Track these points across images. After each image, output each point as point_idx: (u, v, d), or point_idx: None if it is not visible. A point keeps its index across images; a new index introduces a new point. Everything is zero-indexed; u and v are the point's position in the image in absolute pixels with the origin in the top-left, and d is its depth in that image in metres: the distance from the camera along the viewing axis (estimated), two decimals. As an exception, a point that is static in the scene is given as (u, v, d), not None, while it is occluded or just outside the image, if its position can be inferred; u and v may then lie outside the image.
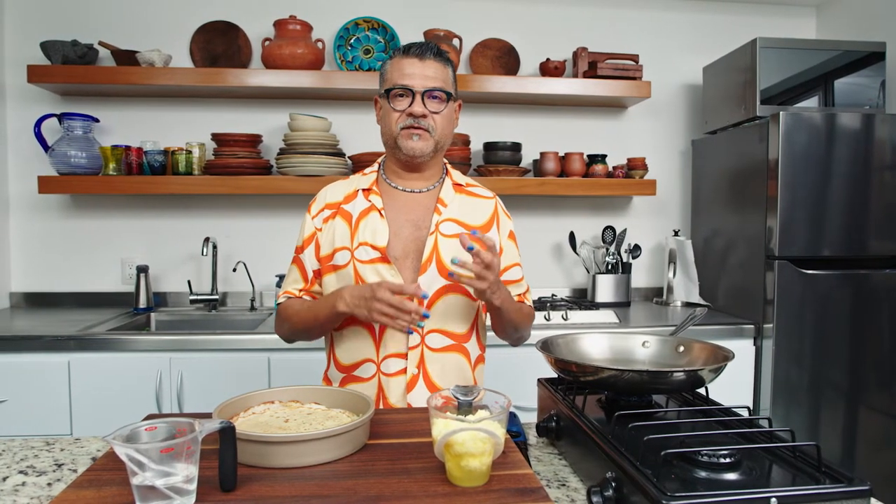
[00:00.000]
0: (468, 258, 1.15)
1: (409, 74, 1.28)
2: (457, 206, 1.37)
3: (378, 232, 1.31)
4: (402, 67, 1.29)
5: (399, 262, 1.31)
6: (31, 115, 2.45)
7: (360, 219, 1.33)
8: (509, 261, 1.41)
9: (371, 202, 1.35)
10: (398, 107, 1.29)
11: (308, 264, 1.37)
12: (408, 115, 1.29)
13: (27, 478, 0.95)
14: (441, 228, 1.33)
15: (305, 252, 1.37)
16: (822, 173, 2.18)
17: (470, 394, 0.93)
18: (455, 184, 1.41)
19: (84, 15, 2.50)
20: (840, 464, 2.18)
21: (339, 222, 1.35)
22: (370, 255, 1.30)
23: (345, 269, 1.32)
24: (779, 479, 0.80)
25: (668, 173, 2.85)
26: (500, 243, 1.40)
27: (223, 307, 2.60)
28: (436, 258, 1.31)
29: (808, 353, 2.19)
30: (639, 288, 2.84)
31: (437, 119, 1.31)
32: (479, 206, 1.40)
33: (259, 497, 0.80)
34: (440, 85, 1.30)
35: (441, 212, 1.35)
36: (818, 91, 2.45)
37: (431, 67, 1.30)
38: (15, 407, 1.96)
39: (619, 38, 2.77)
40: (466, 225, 1.36)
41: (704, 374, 0.99)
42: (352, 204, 1.36)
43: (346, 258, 1.32)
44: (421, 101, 1.28)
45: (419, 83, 1.28)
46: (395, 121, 1.30)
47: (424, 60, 1.29)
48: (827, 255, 2.19)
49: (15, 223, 2.54)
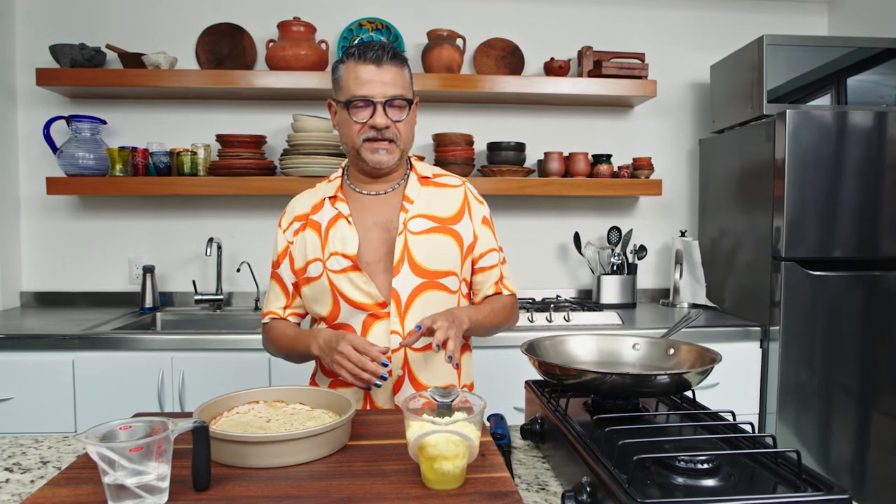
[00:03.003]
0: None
1: (368, 82, 1.24)
2: (424, 200, 1.35)
3: (347, 240, 1.30)
4: (359, 75, 1.25)
5: (371, 268, 1.30)
6: (40, 118, 2.49)
7: (328, 228, 1.32)
8: (485, 246, 1.38)
9: (338, 210, 1.34)
10: (359, 118, 1.26)
11: (286, 279, 1.38)
12: (370, 127, 1.26)
13: (12, 475, 0.96)
14: (409, 226, 1.31)
15: (282, 267, 1.38)
16: (833, 173, 2.13)
17: (448, 395, 0.92)
18: (421, 177, 1.39)
19: (92, 18, 2.54)
20: (850, 469, 2.15)
21: (309, 234, 1.34)
22: (342, 264, 1.29)
23: (318, 281, 1.31)
24: (758, 486, 0.78)
25: (676, 173, 2.81)
26: (474, 230, 1.37)
27: (228, 307, 2.62)
28: (407, 258, 1.29)
29: (817, 355, 2.15)
30: (645, 289, 2.80)
31: (401, 127, 1.29)
32: (447, 197, 1.38)
33: (232, 497, 0.80)
34: (400, 92, 1.27)
35: (408, 209, 1.33)
36: (830, 89, 2.40)
37: (389, 73, 1.25)
38: (21, 404, 1.99)
39: (625, 37, 2.74)
40: (436, 218, 1.33)
41: (690, 376, 0.97)
42: (320, 213, 1.35)
43: (319, 270, 1.31)
44: (383, 111, 1.25)
45: (378, 91, 1.24)
46: (356, 132, 1.28)
47: (382, 66, 1.25)
48: (838, 256, 2.15)
49: (25, 224, 2.59)
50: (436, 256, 1.31)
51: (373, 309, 1.28)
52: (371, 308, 1.29)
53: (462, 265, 1.36)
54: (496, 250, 1.41)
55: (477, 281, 1.41)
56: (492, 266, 1.40)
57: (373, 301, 1.28)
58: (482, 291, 1.41)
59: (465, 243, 1.36)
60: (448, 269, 1.33)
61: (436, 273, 1.31)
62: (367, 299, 1.29)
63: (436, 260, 1.31)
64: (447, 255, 1.33)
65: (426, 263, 1.30)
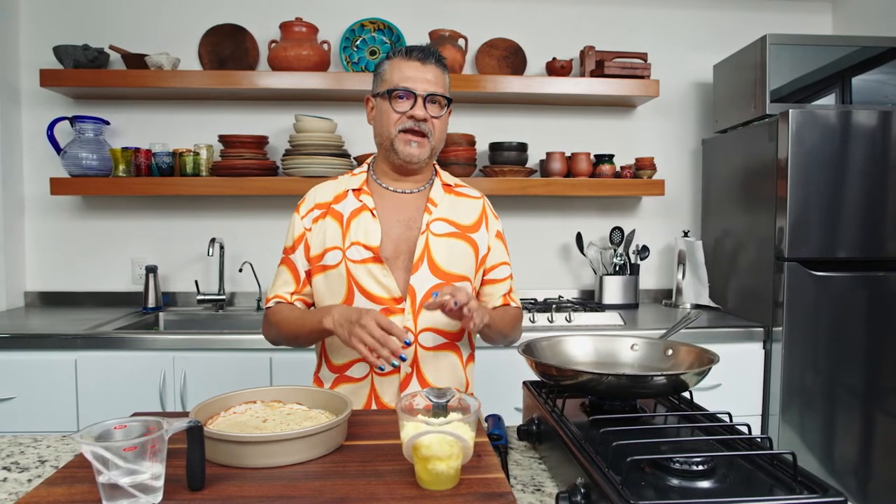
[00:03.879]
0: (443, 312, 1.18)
1: (412, 77, 1.29)
2: (447, 206, 1.38)
3: (370, 231, 1.31)
4: (403, 70, 1.30)
5: (391, 262, 1.31)
6: (44, 118, 2.51)
7: (351, 218, 1.34)
8: (497, 259, 1.42)
9: (362, 202, 1.35)
10: (399, 108, 1.30)
11: (300, 265, 1.37)
12: (408, 118, 1.29)
13: (10, 474, 0.96)
14: (432, 228, 1.34)
15: (296, 252, 1.37)
16: (837, 172, 2.12)
17: (444, 396, 0.92)
18: (444, 184, 1.42)
19: (95, 20, 2.55)
20: (854, 471, 2.14)
21: (329, 222, 1.35)
22: (363, 254, 1.30)
23: (335, 270, 1.31)
24: (753, 488, 0.77)
25: (679, 173, 2.80)
26: (489, 242, 1.41)
27: (231, 307, 2.63)
28: (427, 257, 1.31)
29: (821, 356, 2.13)
30: (648, 290, 2.79)
31: (437, 124, 1.32)
32: (468, 206, 1.41)
33: (226, 497, 0.80)
34: (441, 90, 1.32)
35: (432, 211, 1.36)
36: (835, 88, 2.38)
37: (432, 72, 1.31)
38: (24, 404, 2.00)
39: (628, 37, 2.73)
40: (457, 224, 1.37)
41: (687, 377, 0.96)
42: (342, 204, 1.36)
43: (338, 258, 1.31)
44: (423, 104, 1.29)
45: (421, 87, 1.29)
46: (394, 122, 1.30)
47: (426, 65, 1.31)
48: (842, 256, 2.13)
49: (30, 224, 2.60)
50: (454, 260, 1.33)
51: (388, 303, 1.29)
52: (386, 302, 1.29)
53: (476, 274, 1.39)
54: (507, 264, 1.44)
55: (486, 292, 1.43)
56: (503, 279, 1.43)
57: (389, 295, 1.29)
58: (491, 303, 1.43)
59: (481, 253, 1.39)
60: (463, 274, 1.35)
61: (453, 276, 1.33)
62: (384, 293, 1.29)
63: (454, 263, 1.33)
64: (464, 260, 1.35)
65: (445, 265, 1.32)
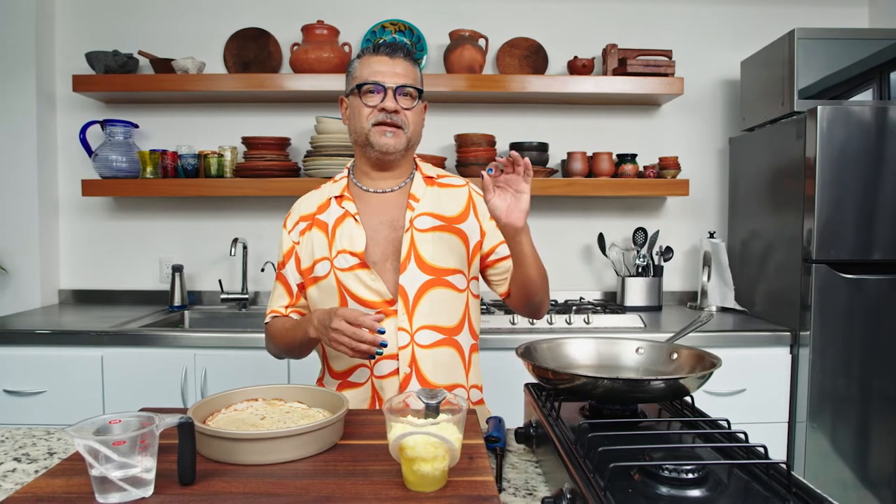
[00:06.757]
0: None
1: (380, 72, 1.30)
2: (430, 200, 1.36)
3: (355, 238, 1.32)
4: (372, 65, 1.31)
5: (379, 266, 1.31)
6: (77, 122, 2.59)
7: (335, 227, 1.34)
8: (497, 239, 1.36)
9: (345, 208, 1.35)
10: (370, 102, 1.30)
11: (291, 279, 1.39)
12: (380, 111, 1.29)
13: (19, 465, 1.00)
14: (416, 224, 1.33)
15: (287, 267, 1.39)
16: (870, 171, 2.03)
17: (435, 397, 0.92)
18: (426, 177, 1.40)
19: (125, 26, 2.63)
20: (889, 482, 2.04)
21: (315, 233, 1.36)
22: (349, 262, 1.30)
23: (325, 280, 1.32)
24: (745, 498, 0.75)
25: (705, 173, 2.73)
26: (482, 227, 1.37)
27: (254, 306, 2.67)
28: (414, 255, 1.30)
29: (853, 361, 2.05)
30: (673, 292, 2.73)
31: (410, 115, 1.32)
32: (453, 196, 1.39)
33: (214, 493, 0.82)
34: (410, 82, 1.32)
35: (414, 208, 1.34)
36: (871, 84, 2.28)
37: (401, 66, 1.31)
38: (54, 397, 2.08)
39: (651, 34, 2.68)
40: (441, 216, 1.34)
41: (687, 382, 0.94)
42: (326, 213, 1.37)
43: (326, 269, 1.32)
44: (393, 96, 1.29)
45: (391, 80, 1.30)
46: (366, 116, 1.30)
47: (394, 59, 1.31)
48: (876, 258, 2.04)
49: (64, 224, 2.70)
50: (442, 254, 1.32)
51: (380, 307, 1.29)
52: (379, 306, 1.29)
53: (469, 265, 1.36)
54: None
55: (495, 272, 1.38)
56: (507, 256, 1.34)
57: (381, 298, 1.29)
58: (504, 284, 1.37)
59: (472, 242, 1.36)
60: (455, 268, 1.33)
61: (442, 270, 1.31)
62: (375, 297, 1.30)
63: (442, 257, 1.32)
64: (453, 253, 1.33)
65: (433, 261, 1.31)
